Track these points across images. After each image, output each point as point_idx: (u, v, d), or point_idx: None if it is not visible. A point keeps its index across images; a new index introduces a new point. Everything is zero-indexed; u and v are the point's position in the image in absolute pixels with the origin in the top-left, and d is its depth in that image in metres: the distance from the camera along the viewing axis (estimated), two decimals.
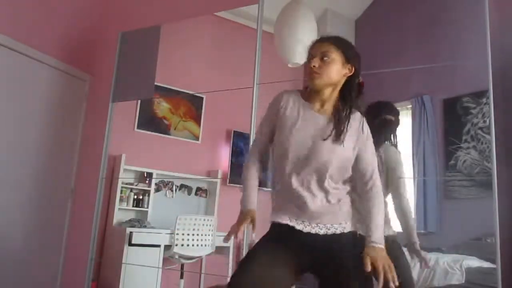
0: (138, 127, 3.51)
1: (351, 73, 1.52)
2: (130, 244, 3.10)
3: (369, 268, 1.34)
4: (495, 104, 1.96)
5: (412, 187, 2.40)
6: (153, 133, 3.55)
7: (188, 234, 3.17)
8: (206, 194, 3.59)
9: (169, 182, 3.49)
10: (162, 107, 3.59)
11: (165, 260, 3.19)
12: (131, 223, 3.27)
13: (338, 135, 1.46)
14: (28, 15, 3.10)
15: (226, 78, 2.94)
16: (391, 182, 2.09)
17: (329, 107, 1.53)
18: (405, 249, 2.12)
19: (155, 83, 3.02)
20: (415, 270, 2.20)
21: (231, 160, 3.55)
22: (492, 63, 1.98)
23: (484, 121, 2.18)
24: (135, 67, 3.09)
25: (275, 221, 1.49)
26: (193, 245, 3.18)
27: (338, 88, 1.54)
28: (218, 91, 2.92)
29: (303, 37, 2.67)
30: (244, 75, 2.58)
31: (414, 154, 2.42)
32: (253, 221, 1.49)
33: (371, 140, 1.54)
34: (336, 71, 1.50)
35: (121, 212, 3.34)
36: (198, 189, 3.56)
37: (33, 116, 3.22)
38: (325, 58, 1.49)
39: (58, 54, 3.36)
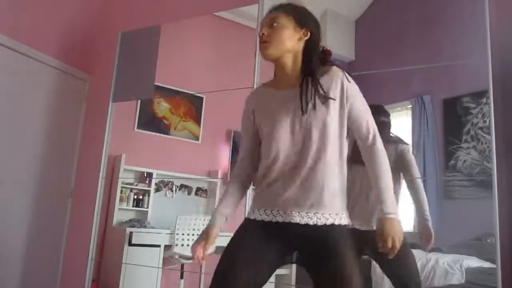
0: (138, 127, 3.51)
1: (307, 37, 1.42)
2: (130, 244, 3.10)
3: (389, 246, 1.27)
4: (495, 104, 1.96)
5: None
6: (153, 133, 3.55)
7: (188, 234, 3.17)
8: (206, 194, 3.59)
9: (169, 182, 3.49)
10: (162, 107, 3.59)
11: (165, 260, 3.19)
12: (131, 223, 3.27)
13: (305, 104, 1.33)
14: (28, 15, 3.10)
15: (226, 78, 2.94)
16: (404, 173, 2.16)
17: (296, 80, 1.41)
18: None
19: (155, 83, 3.01)
20: None
21: (231, 160, 3.55)
22: (492, 63, 1.98)
23: (484, 121, 2.18)
24: (135, 67, 3.09)
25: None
26: None
27: (299, 56, 1.42)
28: (218, 91, 2.92)
29: None
30: (244, 75, 2.58)
31: (414, 154, 2.42)
32: (209, 239, 1.44)
33: (358, 93, 1.41)
34: (288, 36, 1.39)
35: (121, 212, 3.34)
36: (198, 189, 3.55)
37: (33, 116, 3.22)
38: (274, 24, 1.40)
39: (58, 54, 3.36)
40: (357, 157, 1.43)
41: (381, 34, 2.71)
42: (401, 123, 2.53)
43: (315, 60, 1.42)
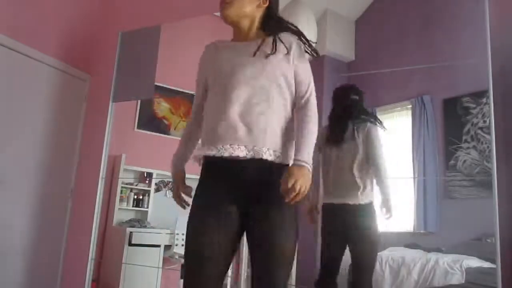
0: (138, 127, 3.50)
1: (266, 5, 1.53)
2: (130, 244, 3.10)
3: (288, 186, 1.30)
4: (495, 104, 1.96)
5: (412, 187, 2.41)
6: (153, 133, 3.55)
7: None
8: None
9: (169, 182, 3.49)
10: (162, 107, 3.59)
11: (165, 260, 3.19)
12: (131, 223, 3.27)
13: (255, 53, 1.44)
14: (28, 15, 3.10)
15: None
16: (372, 157, 2.27)
17: (251, 37, 1.53)
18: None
19: (155, 83, 3.01)
20: (415, 270, 2.21)
21: None
22: (492, 63, 1.98)
23: (484, 121, 2.17)
24: (135, 67, 3.09)
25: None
26: None
27: (256, 22, 1.54)
28: None
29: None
30: None
31: (414, 154, 2.42)
32: (182, 184, 1.60)
33: (304, 59, 1.51)
34: (248, 1, 1.50)
35: (121, 212, 3.34)
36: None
37: (33, 116, 3.22)
38: None
39: (58, 54, 3.36)
40: (334, 137, 1.52)
41: (381, 34, 2.71)
42: (401, 123, 2.53)
43: (272, 23, 1.54)
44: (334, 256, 2.33)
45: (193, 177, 1.59)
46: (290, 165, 1.41)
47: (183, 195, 1.62)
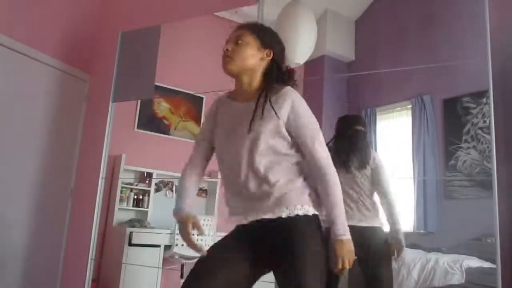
0: (138, 127, 3.51)
1: (270, 57, 1.48)
2: (130, 244, 3.10)
3: (339, 267, 1.32)
4: (495, 104, 1.96)
5: (412, 187, 2.41)
6: (153, 133, 3.55)
7: None
8: (206, 194, 3.59)
9: (169, 182, 3.49)
10: (162, 107, 3.59)
11: (165, 260, 3.19)
12: (131, 223, 3.27)
13: (251, 121, 1.38)
14: (28, 15, 3.10)
15: (226, 78, 2.92)
16: (377, 182, 2.25)
17: (251, 95, 1.46)
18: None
19: (155, 83, 3.02)
20: (415, 270, 2.21)
21: None
22: (492, 63, 1.98)
23: (484, 121, 2.17)
24: (135, 67, 3.09)
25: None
26: None
27: (259, 75, 1.48)
28: (218, 91, 2.92)
29: (303, 37, 2.67)
30: None
31: (414, 154, 2.42)
32: (194, 225, 1.44)
33: (305, 114, 1.42)
34: (251, 55, 1.45)
35: (121, 212, 3.34)
36: (198, 189, 3.55)
37: (33, 116, 3.22)
38: (239, 42, 1.46)
39: (58, 54, 3.36)
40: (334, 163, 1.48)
41: (381, 34, 2.71)
42: (401, 123, 2.53)
43: (272, 79, 1.47)
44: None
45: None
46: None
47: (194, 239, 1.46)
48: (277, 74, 1.49)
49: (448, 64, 2.32)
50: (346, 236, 1.35)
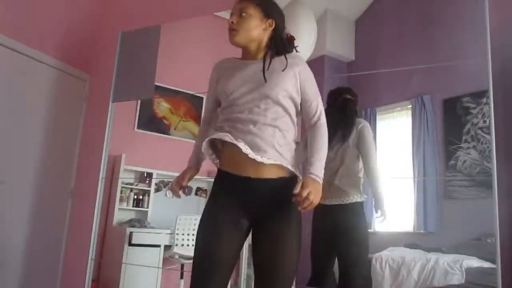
0: (138, 127, 3.50)
1: (272, 27, 1.57)
2: (130, 244, 3.10)
3: (297, 190, 1.38)
4: (495, 104, 1.96)
5: (412, 187, 2.40)
6: (153, 133, 3.55)
7: (188, 234, 3.17)
8: (206, 194, 3.59)
9: (169, 182, 3.48)
10: (162, 107, 3.59)
11: (165, 260, 3.19)
12: (131, 223, 3.27)
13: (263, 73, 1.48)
14: (28, 15, 3.10)
15: None
16: (365, 155, 2.32)
17: (260, 56, 1.57)
18: None
19: (155, 83, 3.01)
20: (415, 269, 2.21)
21: None
22: (492, 63, 1.98)
23: (484, 121, 2.17)
24: (135, 67, 3.09)
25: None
26: (193, 245, 3.17)
27: (263, 44, 1.58)
28: None
29: (303, 37, 2.67)
30: None
31: (414, 154, 2.42)
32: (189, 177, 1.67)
33: (311, 77, 1.56)
34: (255, 26, 1.54)
35: (121, 212, 3.34)
36: (198, 189, 3.55)
37: (33, 116, 3.22)
38: (242, 14, 1.53)
39: (58, 54, 3.36)
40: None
41: (381, 34, 2.70)
42: (401, 123, 2.53)
43: (278, 45, 1.57)
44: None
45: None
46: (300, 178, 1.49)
47: (180, 191, 1.68)
48: (279, 43, 1.57)
49: (448, 64, 2.32)
50: (319, 179, 1.44)
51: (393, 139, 2.55)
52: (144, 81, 3.01)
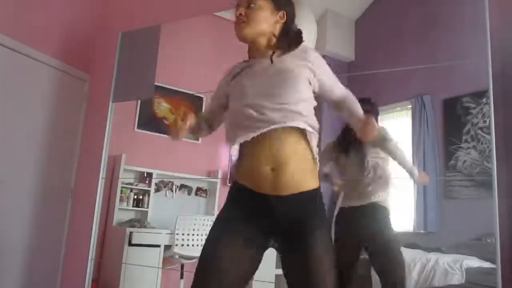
0: (138, 127, 3.50)
1: (284, 20, 1.43)
2: (130, 244, 3.10)
3: (371, 121, 1.34)
4: (495, 104, 1.96)
5: (412, 187, 2.41)
6: (153, 133, 3.55)
7: (188, 234, 3.17)
8: (206, 194, 3.59)
9: (169, 182, 3.49)
10: (162, 107, 3.58)
11: (165, 260, 3.19)
12: (131, 223, 3.27)
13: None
14: (28, 15, 3.10)
15: None
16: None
17: (269, 54, 1.42)
18: None
19: (155, 83, 3.01)
20: (415, 270, 2.21)
21: (231, 160, 3.54)
22: (492, 63, 1.98)
23: (484, 121, 2.17)
24: (135, 67, 3.09)
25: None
26: (193, 245, 3.18)
27: (273, 39, 1.42)
28: None
29: (303, 37, 2.67)
30: None
31: (414, 154, 2.42)
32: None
33: (324, 65, 1.46)
34: (264, 18, 1.39)
35: (121, 212, 3.33)
36: (198, 189, 3.55)
37: (33, 116, 3.22)
38: (251, 5, 1.39)
39: (58, 54, 3.36)
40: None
41: (381, 34, 2.71)
42: (401, 123, 2.53)
43: (289, 38, 1.44)
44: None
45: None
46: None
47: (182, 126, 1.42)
48: (291, 38, 1.44)
49: (448, 64, 2.32)
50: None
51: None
52: (144, 81, 3.01)
